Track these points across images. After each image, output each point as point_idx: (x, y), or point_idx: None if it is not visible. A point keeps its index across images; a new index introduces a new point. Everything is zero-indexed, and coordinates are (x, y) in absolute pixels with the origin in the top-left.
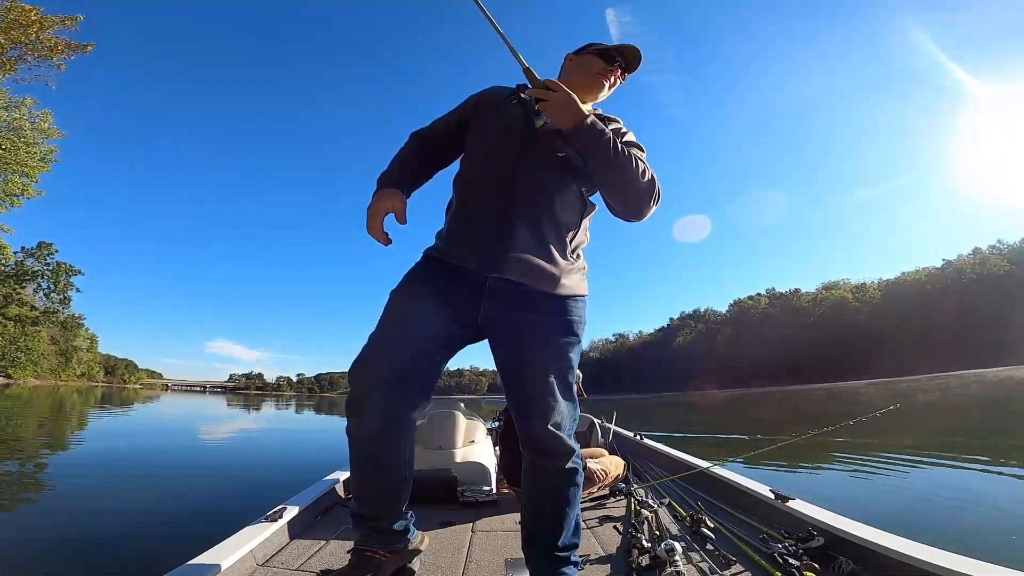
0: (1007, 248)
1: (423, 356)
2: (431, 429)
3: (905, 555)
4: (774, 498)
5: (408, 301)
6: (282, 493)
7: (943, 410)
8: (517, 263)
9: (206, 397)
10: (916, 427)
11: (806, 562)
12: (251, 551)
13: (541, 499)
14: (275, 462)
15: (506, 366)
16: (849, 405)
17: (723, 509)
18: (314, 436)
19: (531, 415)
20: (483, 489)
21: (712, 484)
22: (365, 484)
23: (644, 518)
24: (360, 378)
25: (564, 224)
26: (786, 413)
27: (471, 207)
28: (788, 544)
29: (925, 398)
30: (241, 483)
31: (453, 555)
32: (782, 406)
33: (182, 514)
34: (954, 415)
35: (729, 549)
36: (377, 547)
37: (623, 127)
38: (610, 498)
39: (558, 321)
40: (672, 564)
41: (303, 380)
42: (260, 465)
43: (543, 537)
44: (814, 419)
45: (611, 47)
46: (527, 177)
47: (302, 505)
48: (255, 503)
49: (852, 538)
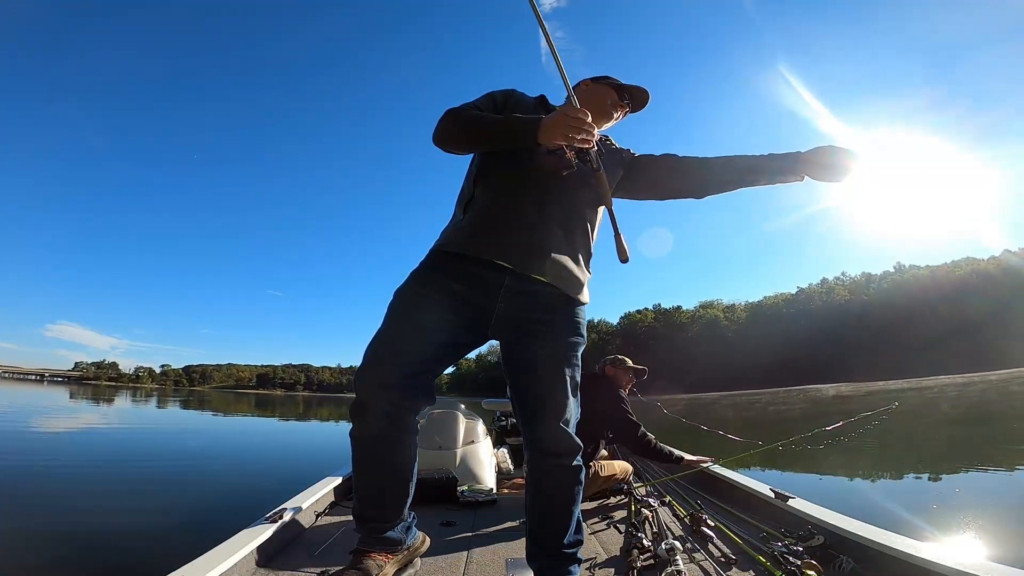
0: (847, 280)
1: (430, 360)
2: (431, 429)
3: (905, 553)
4: (774, 497)
5: (415, 302)
6: (282, 493)
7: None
8: (554, 265)
9: (44, 387)
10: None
11: (807, 561)
12: (252, 552)
13: (547, 498)
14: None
15: (521, 365)
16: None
17: (724, 508)
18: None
19: (544, 414)
20: (483, 489)
21: (713, 483)
22: (368, 487)
23: (645, 517)
24: (364, 381)
25: (590, 234)
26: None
27: (505, 205)
28: (789, 543)
29: (774, 408)
30: (239, 484)
31: (454, 556)
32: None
33: (183, 515)
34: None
35: (730, 548)
36: (378, 549)
37: (633, 151)
38: (611, 498)
39: (570, 323)
40: (673, 563)
41: (168, 372)
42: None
43: (549, 535)
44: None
45: (625, 85)
46: (561, 184)
47: (303, 506)
48: (255, 503)
49: (852, 537)
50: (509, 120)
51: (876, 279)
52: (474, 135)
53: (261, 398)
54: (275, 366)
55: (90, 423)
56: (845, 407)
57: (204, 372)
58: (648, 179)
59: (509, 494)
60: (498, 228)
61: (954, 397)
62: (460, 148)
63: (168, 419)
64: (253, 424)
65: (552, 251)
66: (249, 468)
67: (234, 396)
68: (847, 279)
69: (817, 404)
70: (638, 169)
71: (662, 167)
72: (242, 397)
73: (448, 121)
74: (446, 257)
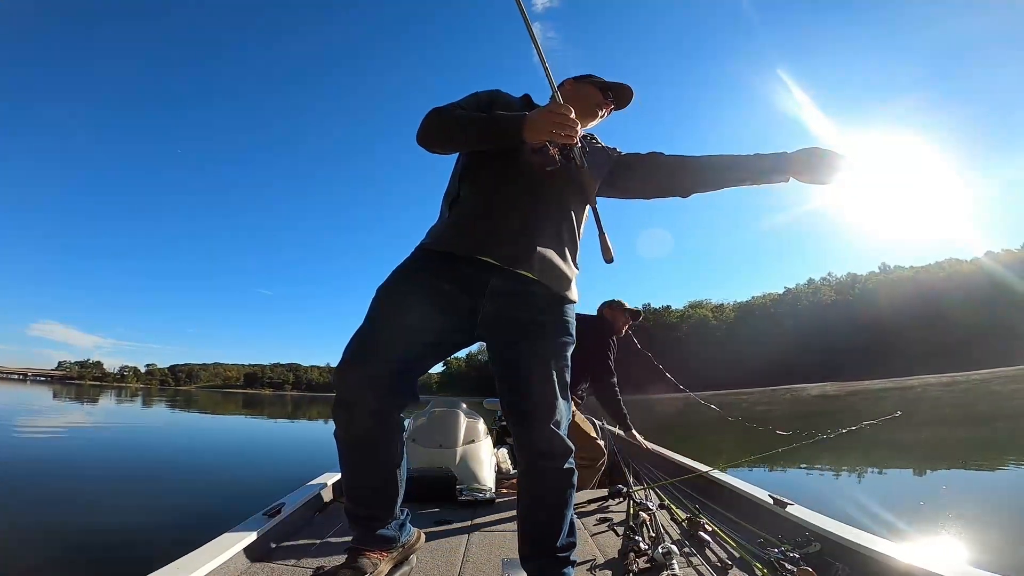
0: (834, 281)
1: (415, 359)
2: (431, 427)
3: (902, 563)
4: (773, 503)
5: (401, 300)
6: (279, 489)
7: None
8: (541, 262)
9: (27, 387)
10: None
11: (803, 568)
12: (247, 547)
13: (539, 500)
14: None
15: (510, 366)
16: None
17: (721, 513)
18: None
19: (534, 415)
20: (482, 488)
21: (711, 488)
22: (357, 487)
23: (642, 521)
24: (348, 380)
25: (576, 231)
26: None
27: (492, 202)
28: (785, 549)
29: (763, 407)
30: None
31: (450, 554)
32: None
33: (178, 510)
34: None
35: (727, 553)
36: (373, 546)
37: (619, 150)
38: (609, 500)
39: (559, 322)
40: (670, 567)
41: (154, 371)
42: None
43: (542, 538)
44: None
45: (608, 83)
46: (547, 181)
47: (298, 502)
48: (252, 499)
49: (849, 544)
50: (493, 118)
51: (862, 279)
52: (458, 134)
53: (249, 397)
54: (263, 365)
55: (74, 422)
56: (830, 406)
57: (191, 371)
58: (634, 177)
59: (508, 494)
60: (485, 226)
61: (934, 398)
62: (444, 147)
63: (153, 418)
64: (240, 423)
65: (539, 248)
66: (236, 467)
67: (221, 396)
68: (833, 279)
69: (801, 404)
70: (624, 167)
71: (648, 165)
72: (230, 397)
73: (432, 121)
74: (432, 255)
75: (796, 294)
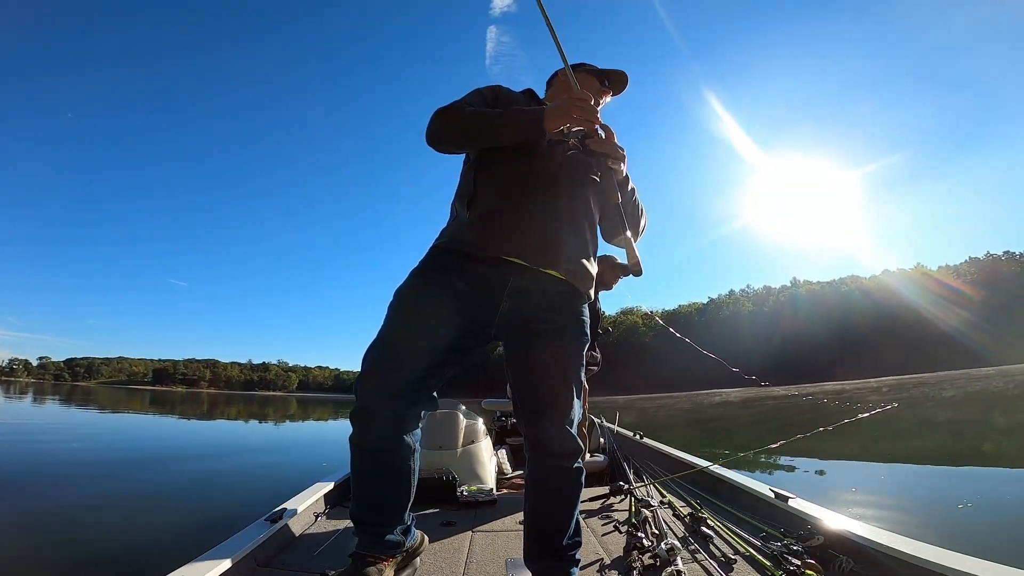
0: (751, 292)
1: (436, 366)
2: (431, 429)
3: (906, 554)
4: (774, 497)
5: (420, 304)
6: (283, 494)
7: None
8: (568, 260)
9: None
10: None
11: (807, 561)
12: (251, 552)
13: (547, 499)
14: None
15: (526, 364)
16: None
17: (724, 508)
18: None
19: (547, 414)
20: (483, 489)
21: (713, 483)
22: (369, 493)
23: (645, 518)
24: (369, 390)
25: (595, 228)
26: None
27: (512, 200)
28: (788, 543)
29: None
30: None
31: (453, 556)
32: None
33: (182, 516)
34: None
35: (730, 548)
36: (377, 553)
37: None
38: (611, 497)
39: (577, 322)
40: (673, 563)
41: (48, 364)
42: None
43: (548, 536)
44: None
45: (605, 70)
46: (568, 180)
47: (302, 507)
48: (256, 504)
49: (852, 537)
50: (513, 113)
51: (775, 292)
52: (475, 132)
53: (158, 395)
54: (175, 361)
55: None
56: (735, 412)
57: (90, 365)
58: None
59: (509, 494)
60: (508, 224)
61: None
62: (460, 146)
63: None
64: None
65: (563, 245)
66: (214, 474)
67: (126, 392)
68: (751, 291)
69: (703, 408)
70: None
71: None
72: (135, 394)
73: (444, 120)
74: (450, 255)
75: (718, 304)
